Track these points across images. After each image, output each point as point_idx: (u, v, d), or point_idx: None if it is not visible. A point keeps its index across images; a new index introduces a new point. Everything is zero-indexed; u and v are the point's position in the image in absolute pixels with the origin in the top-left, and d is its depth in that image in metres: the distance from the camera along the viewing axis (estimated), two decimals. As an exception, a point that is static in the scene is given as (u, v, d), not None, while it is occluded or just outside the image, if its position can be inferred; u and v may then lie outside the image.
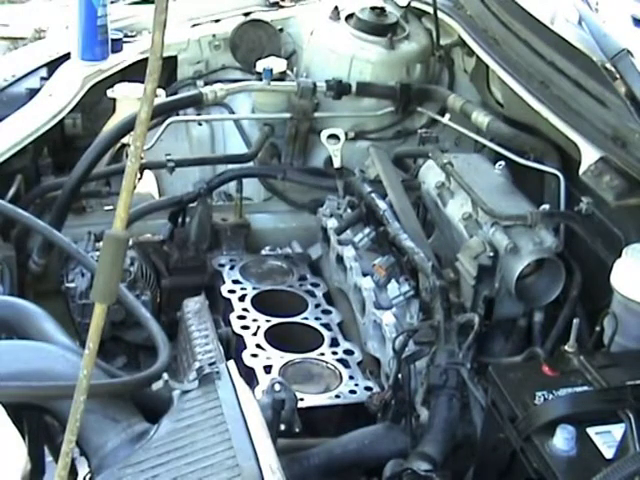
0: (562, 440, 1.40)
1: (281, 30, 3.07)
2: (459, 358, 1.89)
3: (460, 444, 1.82)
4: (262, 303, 2.36)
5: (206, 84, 2.87)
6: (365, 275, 2.28)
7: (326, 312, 2.36)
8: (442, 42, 2.87)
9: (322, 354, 2.18)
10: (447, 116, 2.76)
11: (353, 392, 2.05)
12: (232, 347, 2.21)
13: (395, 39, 2.86)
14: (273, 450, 1.42)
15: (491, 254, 2.04)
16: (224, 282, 2.46)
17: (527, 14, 2.23)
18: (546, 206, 2.13)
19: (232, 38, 3.02)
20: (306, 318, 2.33)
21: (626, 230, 2.00)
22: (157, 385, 1.52)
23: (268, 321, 2.28)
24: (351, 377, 2.10)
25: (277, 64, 2.87)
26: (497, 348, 2.10)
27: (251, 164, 2.85)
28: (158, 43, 0.99)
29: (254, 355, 2.14)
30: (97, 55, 2.73)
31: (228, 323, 2.26)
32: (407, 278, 2.17)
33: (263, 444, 1.40)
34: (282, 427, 1.75)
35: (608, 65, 1.78)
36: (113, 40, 2.79)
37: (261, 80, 2.79)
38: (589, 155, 1.96)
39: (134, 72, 2.76)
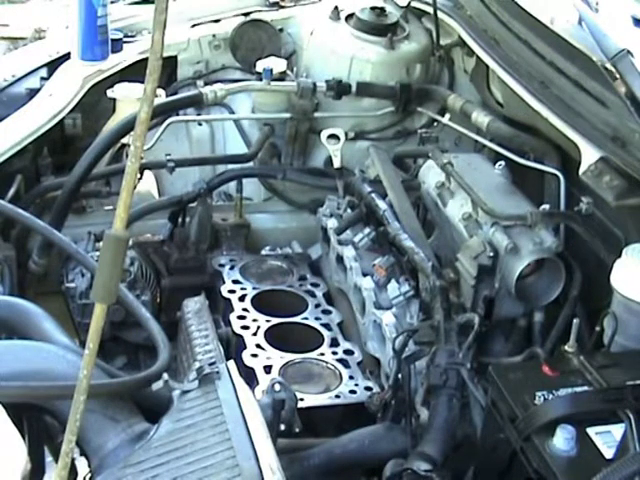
0: (562, 440, 1.40)
1: (281, 30, 3.06)
2: (459, 358, 1.89)
3: (460, 444, 1.82)
4: (262, 303, 2.36)
5: (206, 84, 2.87)
6: (365, 275, 2.28)
7: (326, 312, 2.36)
8: (442, 42, 2.87)
9: (322, 354, 2.18)
10: (447, 116, 2.77)
11: (353, 392, 2.05)
12: (232, 347, 2.21)
13: (395, 39, 2.85)
14: (273, 450, 1.42)
15: (491, 254, 2.04)
16: (224, 282, 2.46)
17: (527, 14, 2.23)
18: (546, 206, 2.13)
19: (232, 38, 3.02)
20: (306, 318, 2.33)
21: (626, 230, 2.00)
22: (157, 385, 1.52)
23: (268, 321, 2.28)
24: (351, 377, 2.10)
25: (277, 64, 2.86)
26: (497, 348, 2.10)
27: (251, 164, 2.85)
28: (158, 43, 0.99)
29: (254, 355, 2.14)
30: (97, 55, 2.73)
31: (228, 323, 2.26)
32: (407, 278, 2.17)
33: (263, 444, 1.40)
34: (282, 427, 1.75)
35: (608, 65, 1.78)
36: (113, 40, 2.78)
37: (261, 80, 2.79)
38: (589, 155, 1.96)
39: (134, 72, 2.76)
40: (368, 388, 2.06)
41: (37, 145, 2.50)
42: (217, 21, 3.12)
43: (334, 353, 2.19)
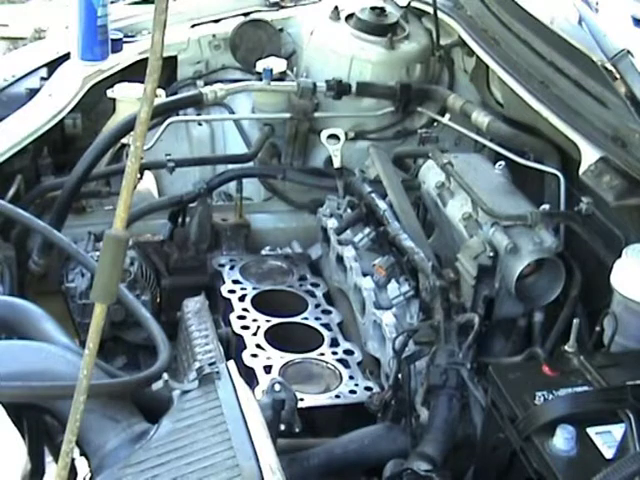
0: (562, 440, 1.40)
1: (281, 30, 3.07)
2: (459, 358, 1.89)
3: (460, 444, 1.82)
4: (262, 303, 2.36)
5: (206, 84, 2.87)
6: (365, 275, 2.28)
7: (326, 312, 2.36)
8: (442, 42, 2.87)
9: (322, 354, 2.18)
10: (447, 116, 2.77)
11: (353, 392, 2.05)
12: (232, 347, 2.21)
13: (395, 39, 2.86)
14: (273, 450, 1.42)
15: (491, 254, 2.04)
16: (224, 282, 2.46)
17: (527, 14, 2.23)
18: (546, 206, 2.13)
19: (232, 38, 3.02)
20: (306, 318, 2.33)
21: (626, 230, 2.00)
22: (157, 385, 1.52)
23: (268, 321, 2.27)
24: (351, 377, 2.10)
25: (277, 64, 2.87)
26: (497, 348, 2.10)
27: (251, 164, 2.85)
28: (158, 43, 0.99)
29: (254, 355, 2.14)
30: (97, 55, 2.73)
31: (228, 323, 2.26)
32: (407, 278, 2.17)
33: (263, 444, 1.40)
34: (282, 427, 1.75)
35: (608, 65, 1.78)
36: (113, 40, 2.78)
37: (261, 80, 2.79)
38: (589, 155, 1.96)
39: (134, 72, 2.76)
40: (368, 388, 2.06)
41: (37, 145, 2.50)
42: (217, 21, 3.12)
43: (334, 353, 2.19)
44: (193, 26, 3.08)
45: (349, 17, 2.93)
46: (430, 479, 1.63)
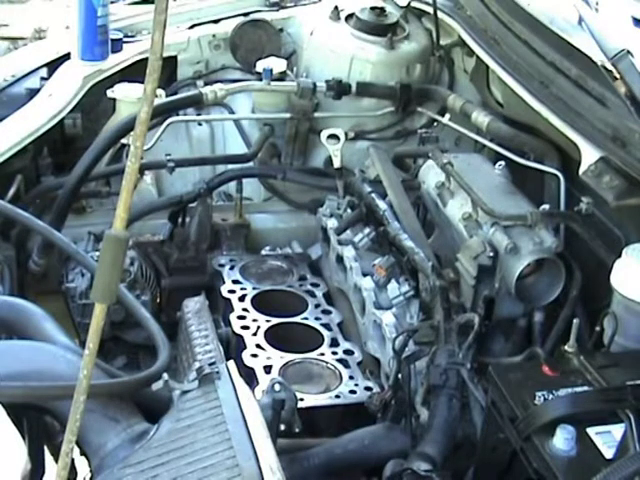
0: (562, 440, 1.40)
1: (281, 30, 3.07)
2: (459, 358, 1.89)
3: (460, 444, 1.82)
4: (262, 303, 2.36)
5: (206, 84, 2.87)
6: (365, 275, 2.28)
7: (326, 312, 2.36)
8: (442, 42, 2.87)
9: (322, 354, 2.18)
10: (447, 116, 2.77)
11: (353, 392, 2.05)
12: (232, 347, 2.21)
13: (395, 39, 2.86)
14: (273, 450, 1.42)
15: (491, 254, 2.04)
16: (224, 282, 2.46)
17: (527, 14, 2.23)
18: (546, 206, 2.14)
19: (232, 38, 3.02)
20: (306, 318, 2.33)
21: (626, 230, 2.00)
22: (157, 385, 1.52)
23: (268, 321, 2.27)
24: (351, 377, 2.10)
25: (277, 64, 2.87)
26: (497, 348, 2.10)
27: (251, 164, 2.85)
28: (158, 43, 0.99)
29: (254, 355, 2.14)
30: (97, 55, 2.73)
31: (228, 323, 2.26)
32: (407, 278, 2.17)
33: (263, 444, 1.40)
34: (282, 427, 1.75)
35: (608, 65, 1.78)
36: (113, 40, 2.78)
37: (261, 80, 2.79)
38: (589, 155, 1.96)
39: (134, 72, 2.76)
40: (368, 388, 2.06)
41: (37, 145, 2.50)
42: (217, 21, 3.12)
43: (334, 353, 2.19)
44: (193, 26, 3.08)
45: (349, 17, 2.93)
46: (430, 479, 1.63)
